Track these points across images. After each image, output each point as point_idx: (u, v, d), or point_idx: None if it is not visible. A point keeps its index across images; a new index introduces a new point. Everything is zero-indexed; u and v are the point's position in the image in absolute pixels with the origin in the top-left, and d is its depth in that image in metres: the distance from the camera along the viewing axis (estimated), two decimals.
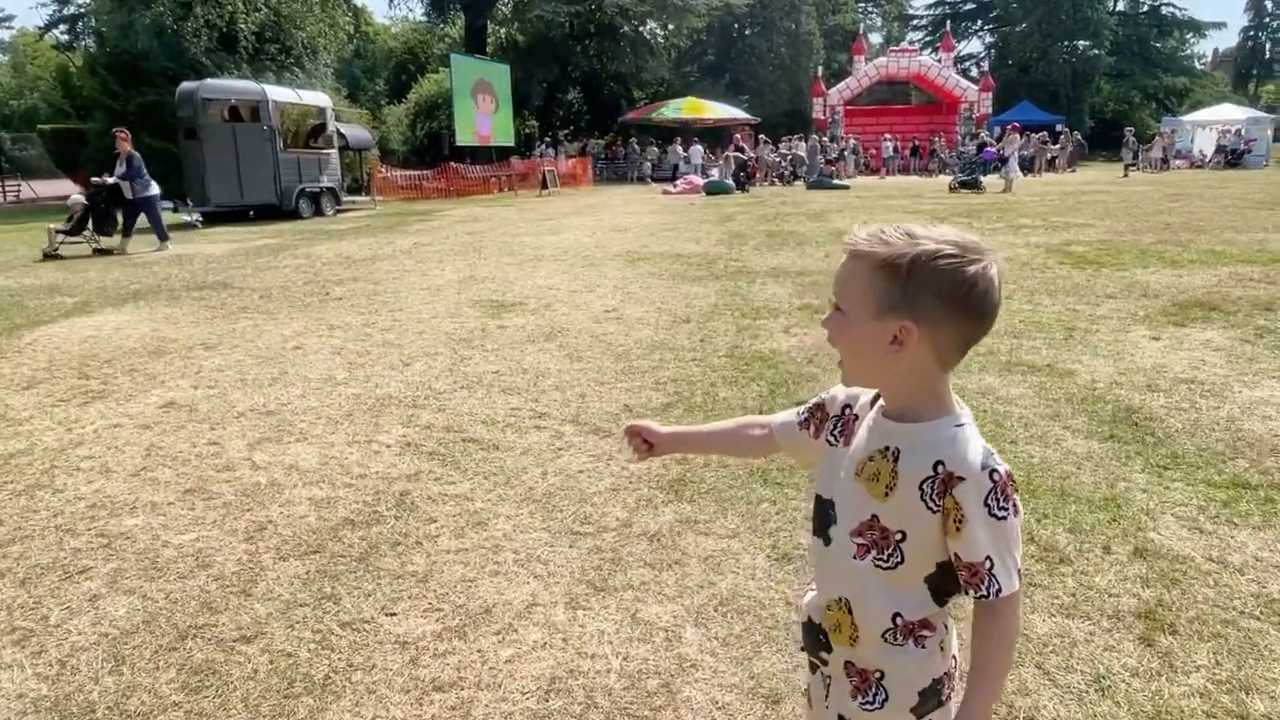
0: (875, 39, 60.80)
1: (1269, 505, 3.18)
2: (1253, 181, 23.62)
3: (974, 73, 47.14)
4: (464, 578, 2.84)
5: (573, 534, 3.14)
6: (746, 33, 47.47)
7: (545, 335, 6.39)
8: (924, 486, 1.18)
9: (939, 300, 1.14)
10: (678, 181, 26.72)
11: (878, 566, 1.24)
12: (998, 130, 34.79)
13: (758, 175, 28.74)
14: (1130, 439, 3.89)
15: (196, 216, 17.26)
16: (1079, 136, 37.84)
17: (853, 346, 1.22)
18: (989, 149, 29.31)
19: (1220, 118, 37.59)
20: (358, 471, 3.81)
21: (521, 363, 5.61)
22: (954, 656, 1.30)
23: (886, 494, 1.22)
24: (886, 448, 1.23)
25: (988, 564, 1.16)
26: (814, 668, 1.45)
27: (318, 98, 21.49)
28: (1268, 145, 35.85)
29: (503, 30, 40.24)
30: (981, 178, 23.14)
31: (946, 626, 1.29)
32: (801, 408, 1.47)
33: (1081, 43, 48.21)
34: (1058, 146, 33.95)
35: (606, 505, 3.38)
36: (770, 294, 7.80)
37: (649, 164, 34.56)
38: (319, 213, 19.48)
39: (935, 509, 1.18)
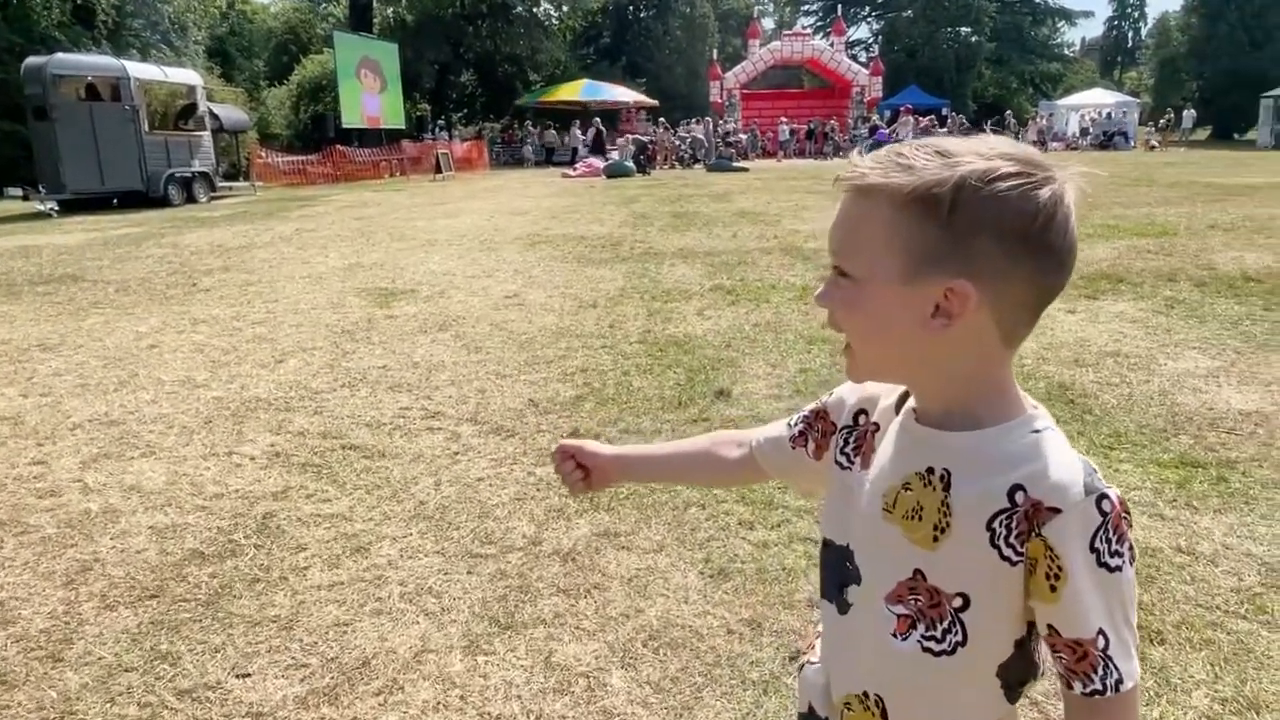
0: (768, 24, 61.48)
1: (1223, 485, 2.99)
2: (1124, 162, 24.73)
3: (863, 57, 48.10)
4: (338, 621, 2.34)
5: (472, 557, 2.68)
6: (641, 15, 47.08)
7: (439, 324, 5.84)
8: (995, 525, 0.78)
9: (1002, 243, 0.75)
10: (577, 164, 26.15)
11: (928, 650, 0.83)
12: (888, 114, 35.60)
13: (658, 158, 28.44)
14: (1069, 418, 3.67)
15: (51, 205, 15.71)
16: (964, 120, 39.07)
17: (871, 326, 0.82)
18: (881, 131, 29.85)
19: (1092, 102, 39.45)
20: (213, 491, 3.22)
21: (412, 356, 5.06)
22: None
23: (935, 538, 0.82)
24: (930, 469, 0.83)
25: (1101, 641, 0.76)
26: None
27: (187, 76, 19.92)
28: (1134, 128, 37.88)
29: (390, 9, 38.51)
30: None
31: None
32: (794, 418, 1.06)
33: (964, 29, 49.84)
34: (944, 130, 34.96)
35: (511, 519, 2.92)
36: (680, 275, 7.43)
37: (529, 147, 33.76)
38: (191, 199, 18.03)
39: (1015, 559, 0.78)
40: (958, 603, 0.82)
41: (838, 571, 0.93)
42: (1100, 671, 0.76)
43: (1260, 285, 6.19)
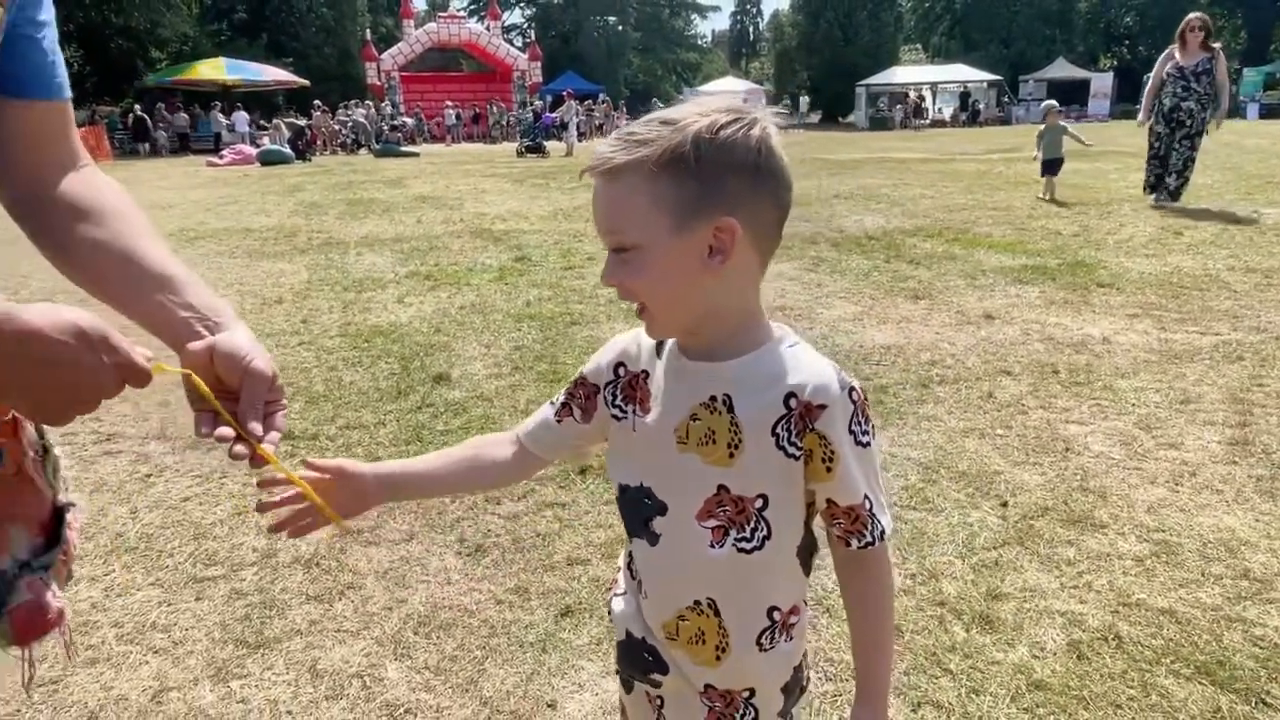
0: (420, 4, 60.12)
1: (880, 405, 3.57)
2: None
3: (519, 43, 48.96)
4: (42, 680, 2.00)
5: (197, 582, 2.42)
6: None
7: None
8: (778, 430, 0.92)
9: (743, 177, 0.88)
10: (224, 152, 23.72)
11: (742, 551, 0.96)
12: (549, 98, 36.63)
13: (319, 143, 26.74)
14: None
15: None
16: (617, 104, 41.43)
17: (660, 282, 0.90)
18: (547, 115, 30.63)
19: (727, 88, 43.89)
20: None
21: None
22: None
23: (731, 455, 0.95)
24: (713, 398, 0.95)
25: (867, 504, 0.95)
26: (629, 686, 1.14)
27: None
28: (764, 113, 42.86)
29: None
30: (545, 143, 24.08)
31: (805, 600, 1.07)
32: (553, 399, 1.13)
33: (611, 18, 52.71)
34: (600, 114, 36.82)
35: (235, 535, 2.68)
36: (370, 264, 7.13)
37: (163, 133, 30.04)
38: None
39: (797, 454, 0.93)
40: (759, 503, 0.95)
41: (640, 509, 1.02)
42: (870, 526, 0.95)
43: (878, 242, 7.39)
